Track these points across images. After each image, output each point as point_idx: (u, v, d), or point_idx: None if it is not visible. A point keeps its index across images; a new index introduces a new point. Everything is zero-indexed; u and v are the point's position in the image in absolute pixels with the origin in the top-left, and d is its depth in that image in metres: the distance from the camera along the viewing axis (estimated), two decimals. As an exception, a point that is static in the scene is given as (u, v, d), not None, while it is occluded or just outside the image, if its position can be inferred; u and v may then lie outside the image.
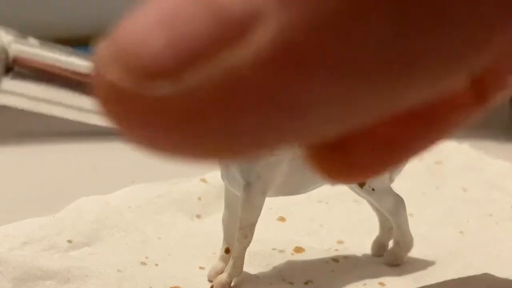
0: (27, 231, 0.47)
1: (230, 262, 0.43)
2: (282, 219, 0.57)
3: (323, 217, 0.57)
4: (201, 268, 0.46)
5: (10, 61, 0.22)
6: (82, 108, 0.25)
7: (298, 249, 0.49)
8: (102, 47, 0.14)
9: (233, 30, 0.13)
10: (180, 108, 0.13)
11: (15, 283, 0.41)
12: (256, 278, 0.44)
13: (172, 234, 0.52)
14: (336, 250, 0.50)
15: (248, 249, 0.43)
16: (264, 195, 0.42)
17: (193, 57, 0.13)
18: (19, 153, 0.88)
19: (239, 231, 0.42)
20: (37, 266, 0.43)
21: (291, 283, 0.43)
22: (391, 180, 0.47)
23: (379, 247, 0.48)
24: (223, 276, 0.43)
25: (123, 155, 0.85)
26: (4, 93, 0.23)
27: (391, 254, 0.47)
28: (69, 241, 0.48)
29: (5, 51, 0.22)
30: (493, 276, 0.43)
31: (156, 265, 0.46)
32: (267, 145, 0.14)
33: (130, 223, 0.52)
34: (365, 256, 0.49)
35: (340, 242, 0.51)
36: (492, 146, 0.86)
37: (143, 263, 0.46)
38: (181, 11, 0.13)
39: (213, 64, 0.13)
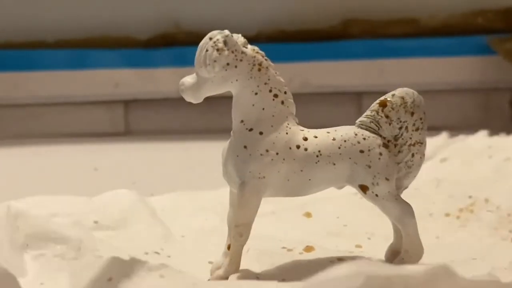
0: (59, 205, 0.50)
1: (226, 260, 0.43)
2: (308, 215, 0.56)
3: (349, 217, 0.56)
4: (210, 262, 0.46)
5: None
6: None
7: (309, 248, 0.47)
8: None
9: None
10: None
11: (27, 239, 0.44)
12: (255, 277, 0.44)
13: (196, 235, 0.53)
14: (351, 252, 0.48)
15: (257, 247, 0.42)
16: (259, 194, 0.42)
17: None
18: (19, 154, 0.91)
19: (235, 229, 0.42)
20: (52, 230, 0.45)
21: (291, 283, 0.42)
22: (405, 186, 0.45)
23: (391, 254, 0.45)
24: (219, 272, 0.43)
25: (125, 157, 0.86)
26: None
27: (399, 263, 0.43)
28: (95, 222, 0.50)
29: None
30: None
31: (168, 256, 0.47)
32: None
33: (158, 219, 0.53)
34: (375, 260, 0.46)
35: (358, 246, 0.50)
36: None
37: (156, 253, 0.47)
38: None
39: None
